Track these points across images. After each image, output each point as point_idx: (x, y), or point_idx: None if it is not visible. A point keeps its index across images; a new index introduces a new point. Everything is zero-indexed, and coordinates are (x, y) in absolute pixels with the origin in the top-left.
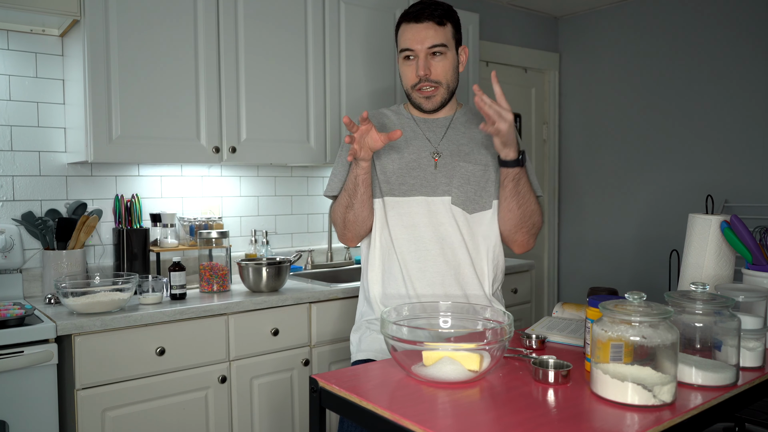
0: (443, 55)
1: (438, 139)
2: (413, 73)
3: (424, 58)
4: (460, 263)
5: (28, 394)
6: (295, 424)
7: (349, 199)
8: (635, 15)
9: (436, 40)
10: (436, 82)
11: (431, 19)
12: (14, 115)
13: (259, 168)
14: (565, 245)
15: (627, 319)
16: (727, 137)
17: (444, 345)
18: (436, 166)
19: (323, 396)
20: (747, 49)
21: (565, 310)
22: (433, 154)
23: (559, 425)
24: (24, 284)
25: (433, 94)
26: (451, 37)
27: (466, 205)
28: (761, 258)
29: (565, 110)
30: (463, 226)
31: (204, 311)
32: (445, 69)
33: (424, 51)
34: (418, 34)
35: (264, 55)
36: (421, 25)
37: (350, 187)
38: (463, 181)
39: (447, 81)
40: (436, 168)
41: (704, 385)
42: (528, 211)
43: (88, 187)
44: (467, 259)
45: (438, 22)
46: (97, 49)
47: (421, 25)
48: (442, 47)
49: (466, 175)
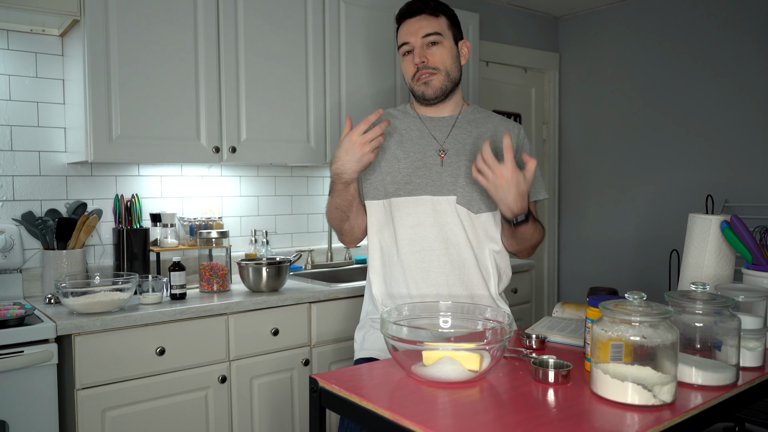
0: (439, 44)
1: (444, 137)
2: (411, 63)
3: (420, 47)
4: (465, 263)
5: (28, 394)
6: (295, 424)
7: (343, 215)
8: (635, 15)
9: (429, 28)
10: (433, 68)
11: (424, 11)
12: (14, 115)
13: (259, 168)
14: (565, 245)
15: (627, 319)
16: (727, 137)
17: (444, 345)
18: (442, 164)
19: (323, 396)
20: (747, 49)
21: (565, 310)
22: (439, 152)
23: (559, 425)
24: (24, 284)
25: (430, 79)
26: (446, 28)
27: (471, 205)
28: (761, 258)
29: (565, 110)
30: (468, 226)
31: (204, 311)
32: (443, 56)
33: (420, 41)
34: (412, 26)
35: (264, 55)
36: (415, 18)
37: (344, 206)
38: (469, 180)
39: (446, 68)
40: (442, 166)
41: (704, 385)
42: (527, 244)
43: (88, 187)
44: (472, 259)
45: (431, 13)
46: (97, 49)
47: (414, 19)
48: (436, 35)
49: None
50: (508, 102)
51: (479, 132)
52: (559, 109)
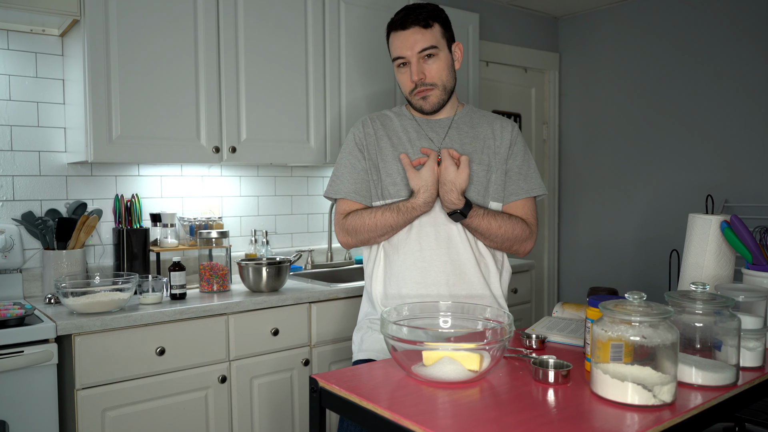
0: (435, 56)
1: (440, 138)
2: (408, 79)
3: (417, 62)
4: (465, 263)
5: (28, 394)
6: (295, 424)
7: (393, 231)
8: (635, 15)
9: (424, 43)
10: (431, 84)
11: (416, 23)
12: (14, 115)
13: (259, 168)
14: (565, 245)
15: (627, 319)
16: (727, 137)
17: (444, 345)
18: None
19: (323, 396)
20: (747, 49)
21: (565, 310)
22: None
23: (559, 425)
24: (24, 284)
25: (428, 94)
26: (440, 37)
27: None
28: (761, 258)
29: (565, 110)
30: None
31: (204, 311)
32: (439, 70)
33: (415, 56)
34: (406, 40)
35: (264, 55)
36: (408, 31)
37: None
38: None
39: (443, 82)
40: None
41: (704, 385)
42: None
43: (88, 187)
44: (472, 258)
45: (424, 26)
46: (97, 49)
47: (407, 32)
48: (432, 49)
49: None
50: (508, 102)
51: (475, 132)
52: (559, 109)
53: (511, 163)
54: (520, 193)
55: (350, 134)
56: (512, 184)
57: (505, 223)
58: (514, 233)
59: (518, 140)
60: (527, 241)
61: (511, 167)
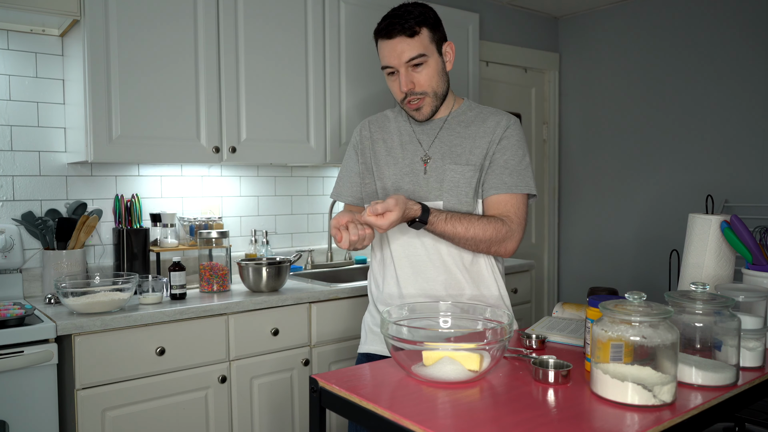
0: (424, 64)
1: (429, 142)
2: (398, 88)
3: (405, 72)
4: (457, 267)
5: (28, 394)
6: (295, 424)
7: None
8: (635, 15)
9: (412, 52)
10: (421, 93)
11: (402, 33)
12: (14, 115)
13: (259, 168)
14: (565, 245)
15: (627, 319)
16: (727, 137)
17: (444, 345)
18: (425, 171)
19: (323, 396)
20: (747, 49)
21: (565, 310)
22: (423, 159)
23: (559, 425)
24: (24, 284)
25: (420, 105)
26: (428, 42)
27: (458, 209)
28: (761, 258)
29: (565, 110)
30: None
31: (204, 311)
32: (429, 77)
33: (403, 66)
34: (393, 50)
35: (264, 55)
36: (394, 40)
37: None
38: (453, 185)
39: (433, 89)
40: (426, 173)
41: (704, 385)
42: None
43: (88, 187)
44: (462, 262)
45: (410, 34)
46: (97, 49)
47: (393, 41)
48: (420, 57)
49: (455, 179)
50: (508, 102)
51: (468, 132)
52: (559, 109)
53: (497, 156)
54: (500, 187)
55: (352, 136)
56: (493, 177)
57: (473, 225)
58: (485, 235)
59: (511, 135)
60: (506, 242)
61: (496, 160)
